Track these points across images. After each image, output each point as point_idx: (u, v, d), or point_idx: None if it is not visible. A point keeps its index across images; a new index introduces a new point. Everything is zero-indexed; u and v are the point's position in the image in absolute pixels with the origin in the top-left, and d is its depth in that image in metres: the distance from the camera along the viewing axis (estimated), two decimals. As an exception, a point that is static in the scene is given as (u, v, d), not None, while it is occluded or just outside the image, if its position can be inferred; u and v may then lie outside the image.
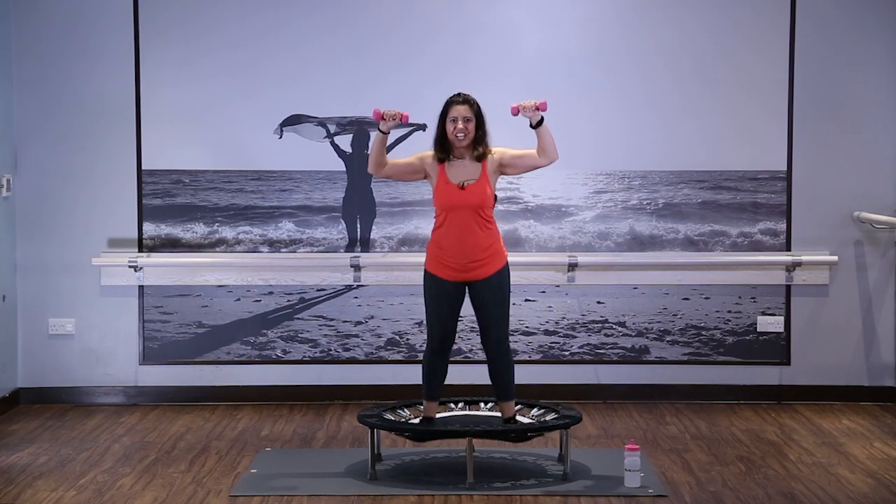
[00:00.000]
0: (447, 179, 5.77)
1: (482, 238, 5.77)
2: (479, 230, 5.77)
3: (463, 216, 5.75)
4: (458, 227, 5.76)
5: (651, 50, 7.40)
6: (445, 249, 5.78)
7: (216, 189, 7.48)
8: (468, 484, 5.65)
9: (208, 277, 7.44)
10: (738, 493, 5.59)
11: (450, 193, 5.76)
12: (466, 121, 5.76)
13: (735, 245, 7.47)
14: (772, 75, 7.40)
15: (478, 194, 5.74)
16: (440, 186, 5.77)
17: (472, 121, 5.77)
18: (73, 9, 7.37)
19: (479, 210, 5.75)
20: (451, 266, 5.78)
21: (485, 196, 5.75)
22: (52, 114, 7.40)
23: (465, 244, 5.76)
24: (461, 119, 5.76)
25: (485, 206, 5.76)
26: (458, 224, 5.76)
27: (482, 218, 5.77)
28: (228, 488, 5.70)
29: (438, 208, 5.82)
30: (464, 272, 5.78)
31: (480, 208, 5.76)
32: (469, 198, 5.74)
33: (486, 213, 5.78)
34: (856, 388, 7.48)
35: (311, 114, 7.42)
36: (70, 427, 6.91)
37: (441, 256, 5.80)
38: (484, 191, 5.75)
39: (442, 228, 5.80)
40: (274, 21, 7.38)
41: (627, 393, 7.46)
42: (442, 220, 5.80)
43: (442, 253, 5.80)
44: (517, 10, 7.42)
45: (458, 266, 5.78)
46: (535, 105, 5.78)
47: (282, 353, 7.49)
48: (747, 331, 7.48)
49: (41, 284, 7.44)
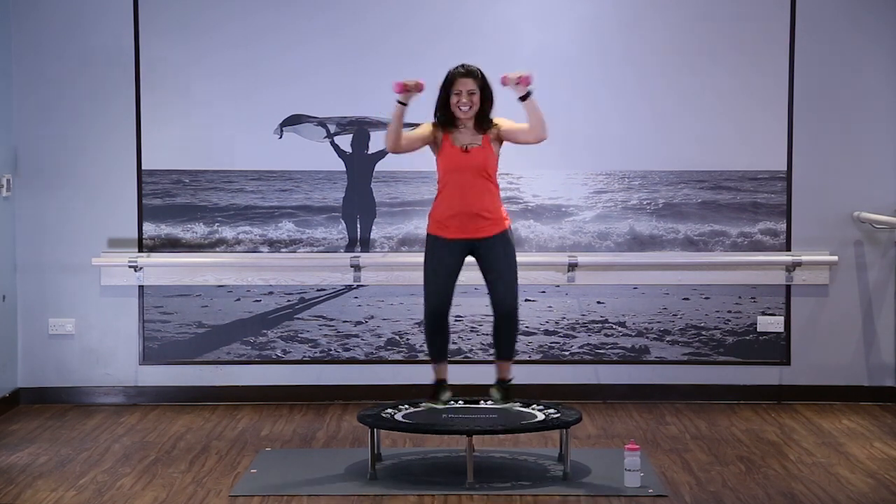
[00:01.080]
0: (451, 143, 5.78)
1: (486, 199, 5.77)
2: (483, 191, 5.76)
3: (466, 177, 5.75)
4: (461, 187, 5.76)
5: (651, 50, 7.40)
6: (449, 208, 5.77)
7: (216, 189, 7.48)
8: (468, 484, 5.64)
9: (208, 277, 7.44)
10: (738, 493, 5.59)
11: (453, 156, 5.76)
12: (470, 93, 5.77)
13: (735, 245, 7.47)
14: (772, 75, 7.40)
15: (481, 156, 5.75)
16: (444, 150, 5.78)
17: (475, 93, 5.77)
18: (73, 9, 7.37)
19: (482, 171, 5.76)
20: (453, 225, 5.77)
21: (486, 159, 5.76)
22: (52, 114, 7.40)
23: (468, 200, 5.75)
24: (465, 92, 5.76)
25: (487, 167, 5.77)
26: (461, 184, 5.76)
27: (485, 179, 5.77)
28: (228, 488, 5.70)
29: (442, 171, 5.81)
30: (468, 230, 5.77)
31: (484, 169, 5.76)
32: (473, 159, 5.75)
33: (490, 174, 5.78)
34: (856, 388, 7.48)
35: (311, 114, 7.42)
36: (70, 427, 6.91)
37: (444, 216, 5.79)
38: (487, 154, 5.76)
39: (445, 190, 5.80)
40: (274, 21, 7.38)
41: (627, 393, 7.46)
42: (445, 183, 5.80)
43: (445, 211, 5.78)
44: (517, 11, 7.42)
45: (462, 223, 5.76)
46: (518, 78, 5.75)
47: (282, 353, 7.49)
48: (747, 331, 7.48)
49: (41, 284, 7.44)
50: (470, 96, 5.77)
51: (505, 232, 5.85)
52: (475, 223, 5.78)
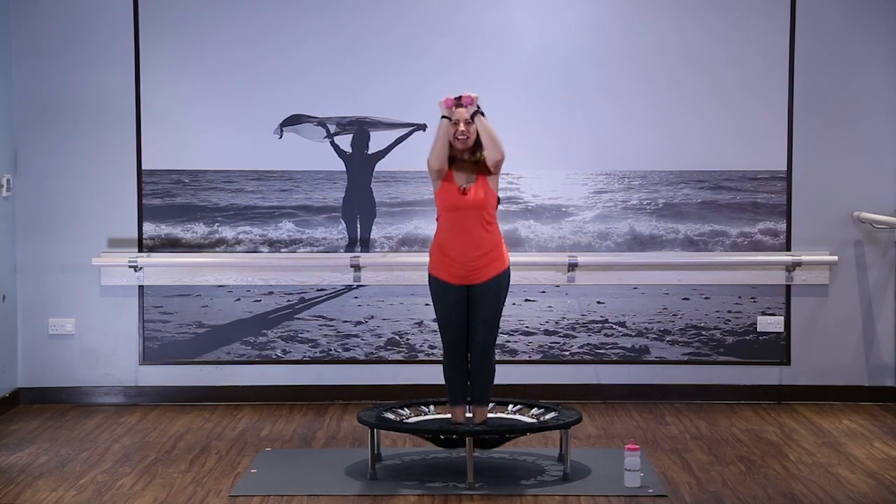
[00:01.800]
0: (451, 179, 5.78)
1: (483, 241, 5.77)
2: (481, 232, 5.77)
3: (465, 217, 5.76)
4: (460, 229, 5.76)
5: (651, 50, 7.40)
6: (448, 254, 5.79)
7: (216, 189, 7.48)
8: (468, 484, 5.65)
9: (208, 277, 7.44)
10: (738, 493, 5.59)
11: (451, 195, 5.76)
12: (467, 124, 5.76)
13: (735, 245, 7.47)
14: (772, 75, 7.40)
15: (477, 198, 5.75)
16: (444, 186, 5.77)
17: (472, 124, 5.77)
18: (73, 9, 7.37)
19: (481, 212, 5.76)
20: (452, 271, 5.79)
21: (484, 198, 5.75)
22: (52, 114, 7.40)
23: (466, 248, 5.76)
24: (462, 122, 5.76)
25: (486, 208, 5.77)
26: (459, 226, 5.76)
27: (484, 220, 5.77)
28: (228, 488, 5.70)
29: (440, 208, 5.82)
30: (465, 278, 5.79)
31: (483, 209, 5.76)
32: (469, 201, 5.75)
33: (488, 215, 5.78)
34: (856, 388, 7.48)
35: (311, 114, 7.42)
36: (70, 427, 6.91)
37: (444, 261, 5.81)
38: (482, 193, 5.75)
39: (445, 231, 5.80)
40: (274, 21, 7.38)
41: (627, 393, 7.46)
42: (444, 222, 5.81)
43: (445, 258, 5.80)
44: (517, 11, 7.41)
45: (460, 271, 5.79)
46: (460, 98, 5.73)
47: (282, 353, 7.49)
48: (747, 331, 7.48)
49: (41, 284, 7.44)
50: (467, 126, 5.76)
51: (499, 276, 5.82)
52: (472, 271, 5.79)
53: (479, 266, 5.78)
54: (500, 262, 5.82)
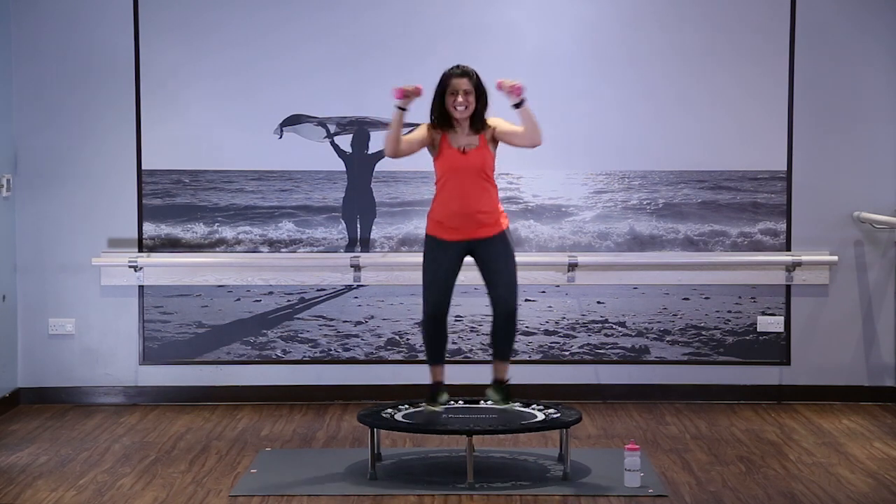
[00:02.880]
0: (449, 144, 5.81)
1: (485, 199, 5.80)
2: (482, 191, 5.80)
3: (465, 178, 5.78)
4: (459, 187, 5.79)
5: (651, 50, 7.40)
6: (447, 209, 5.80)
7: (216, 189, 7.48)
8: (468, 484, 5.64)
9: (208, 277, 7.44)
10: (738, 493, 5.59)
11: (452, 157, 5.79)
12: (466, 93, 5.79)
13: (735, 245, 7.47)
14: (772, 75, 7.40)
15: (479, 157, 5.79)
16: (443, 151, 5.80)
17: (471, 93, 5.80)
18: (73, 9, 7.37)
19: (480, 172, 5.79)
20: (452, 226, 5.80)
21: (486, 159, 5.79)
22: (52, 114, 7.40)
23: (467, 201, 5.78)
24: (461, 92, 5.78)
25: (486, 168, 5.81)
26: (459, 185, 5.79)
27: (484, 180, 5.79)
28: (228, 488, 5.70)
29: (440, 172, 5.84)
30: (466, 232, 5.79)
31: (482, 170, 5.79)
32: (470, 160, 5.78)
33: (488, 175, 5.81)
34: (856, 388, 7.48)
35: (311, 114, 7.42)
36: (70, 427, 6.91)
37: (443, 217, 5.81)
38: (484, 155, 5.79)
39: (444, 191, 5.82)
40: (274, 21, 7.38)
41: (627, 393, 7.46)
42: (443, 184, 5.82)
43: (444, 212, 5.81)
44: (517, 11, 7.42)
45: (461, 224, 5.78)
46: (510, 87, 5.78)
47: (282, 353, 7.49)
48: (747, 331, 7.48)
49: (41, 284, 7.44)
50: (466, 96, 5.79)
51: (503, 232, 5.86)
52: (473, 224, 5.80)
53: (480, 218, 5.79)
54: (501, 223, 5.86)
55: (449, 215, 5.81)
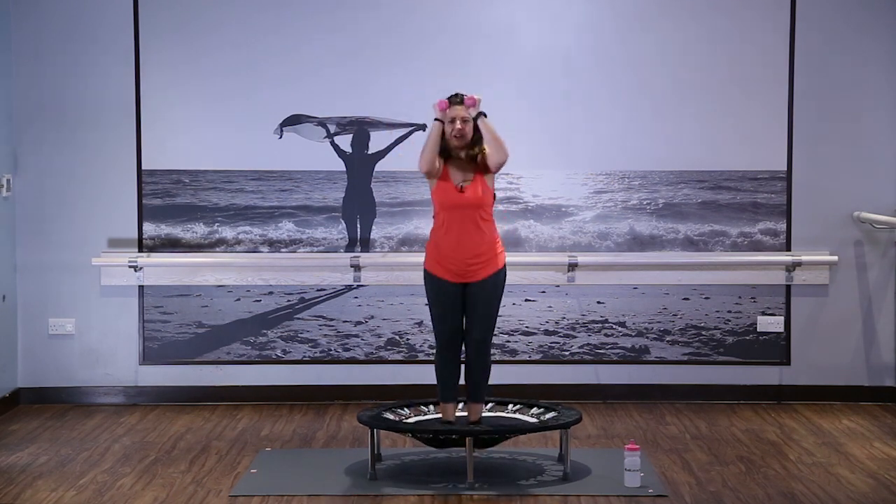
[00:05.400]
0: (448, 177, 5.79)
1: (480, 240, 5.78)
2: (478, 231, 5.77)
3: (462, 216, 5.76)
4: (457, 227, 5.77)
5: (651, 50, 7.40)
6: (444, 252, 5.79)
7: (216, 189, 7.48)
8: (468, 484, 5.65)
9: (208, 277, 7.44)
10: (738, 493, 5.59)
11: (449, 193, 5.77)
12: (464, 121, 5.77)
13: (735, 245, 7.47)
14: (772, 75, 7.40)
15: (475, 196, 5.76)
16: (441, 184, 5.78)
17: (469, 122, 5.78)
18: (73, 9, 7.37)
19: (478, 210, 5.77)
20: (449, 269, 5.79)
21: (481, 197, 5.76)
22: (52, 114, 7.40)
23: (463, 246, 5.76)
24: (459, 120, 5.76)
25: (483, 206, 5.78)
26: (457, 224, 5.77)
27: (481, 218, 5.78)
28: (228, 488, 5.70)
29: (438, 207, 5.83)
30: (461, 275, 5.79)
31: (479, 208, 5.77)
32: (468, 199, 5.76)
33: (485, 213, 5.79)
34: (856, 388, 7.48)
35: (311, 114, 7.42)
36: (70, 427, 6.91)
37: (440, 258, 5.81)
38: (480, 192, 5.76)
39: (442, 229, 5.81)
40: (274, 21, 7.38)
41: (627, 393, 7.46)
42: (441, 220, 5.81)
43: (441, 255, 5.81)
44: (517, 11, 7.41)
45: (456, 269, 5.79)
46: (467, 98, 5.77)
47: (282, 353, 7.49)
48: (747, 331, 7.48)
49: (41, 284, 7.44)
50: (464, 124, 5.77)
51: (497, 273, 5.83)
52: (469, 269, 5.80)
53: (476, 264, 5.78)
54: (498, 261, 5.83)
55: (445, 259, 5.80)
